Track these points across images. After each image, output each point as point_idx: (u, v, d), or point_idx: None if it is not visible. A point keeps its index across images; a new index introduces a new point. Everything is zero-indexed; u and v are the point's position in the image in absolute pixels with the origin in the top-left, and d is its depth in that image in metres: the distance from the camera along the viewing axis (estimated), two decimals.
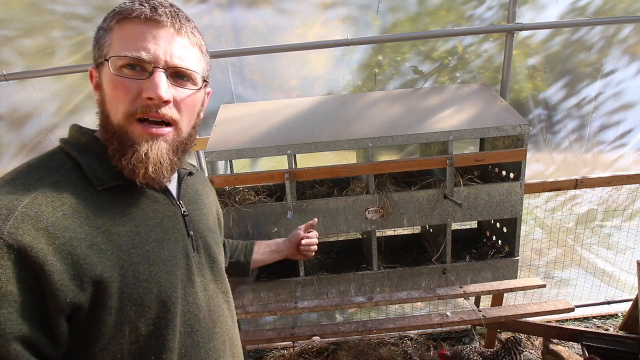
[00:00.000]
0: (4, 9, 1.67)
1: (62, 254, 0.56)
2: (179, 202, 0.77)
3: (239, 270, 1.19)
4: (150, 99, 0.64)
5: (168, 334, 0.67)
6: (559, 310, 1.63)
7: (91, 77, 0.71)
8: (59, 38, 1.73)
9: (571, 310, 1.64)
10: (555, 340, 2.43)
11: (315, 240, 1.28)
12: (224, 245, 1.15)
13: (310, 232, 1.29)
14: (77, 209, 0.60)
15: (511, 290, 1.67)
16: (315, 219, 1.32)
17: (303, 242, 1.25)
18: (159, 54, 0.65)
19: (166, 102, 0.66)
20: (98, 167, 0.66)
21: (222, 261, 0.86)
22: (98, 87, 0.69)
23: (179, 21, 0.67)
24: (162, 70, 0.65)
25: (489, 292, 1.63)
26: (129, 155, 0.65)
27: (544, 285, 1.66)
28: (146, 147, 0.66)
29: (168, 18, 0.66)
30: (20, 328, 0.53)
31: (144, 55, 0.64)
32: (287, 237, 1.29)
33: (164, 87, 0.65)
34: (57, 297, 0.55)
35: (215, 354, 0.76)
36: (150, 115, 0.66)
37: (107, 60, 0.65)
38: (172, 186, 0.78)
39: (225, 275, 0.87)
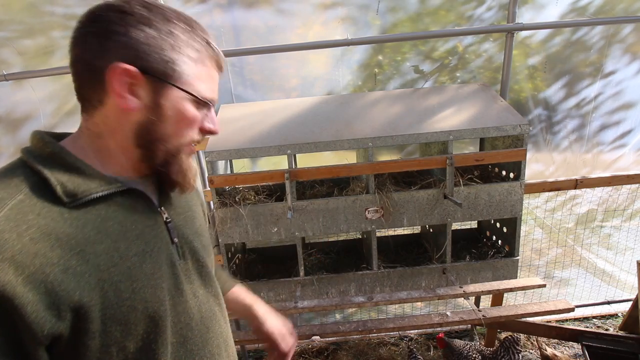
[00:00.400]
0: (4, 11, 1.67)
1: (34, 283, 0.52)
2: (160, 209, 0.73)
3: None
4: (212, 132, 0.72)
5: (158, 347, 0.65)
6: (559, 310, 1.63)
7: (122, 75, 0.61)
8: (58, 38, 1.73)
9: (571, 310, 1.64)
10: (551, 345, 2.43)
11: None
12: None
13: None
14: (45, 231, 0.55)
15: (511, 290, 1.66)
16: None
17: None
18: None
19: None
20: (66, 181, 0.59)
21: (211, 264, 0.83)
22: (136, 94, 0.63)
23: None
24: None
25: (488, 292, 1.63)
26: (175, 170, 0.70)
27: (544, 285, 1.66)
28: (188, 162, 0.72)
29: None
30: None
31: (215, 98, 0.71)
32: (266, 326, 0.98)
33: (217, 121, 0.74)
34: (32, 330, 0.51)
35: (210, 359, 0.75)
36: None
37: (198, 97, 0.67)
38: (151, 191, 0.73)
39: (215, 279, 0.84)
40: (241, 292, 1.03)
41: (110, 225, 0.62)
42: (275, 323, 0.98)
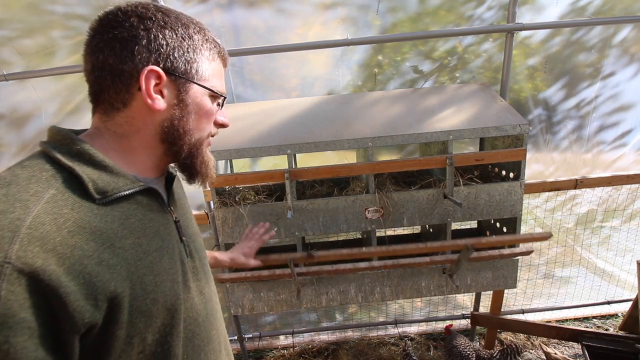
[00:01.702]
0: (4, 10, 1.67)
1: (74, 274, 0.54)
2: (170, 208, 0.76)
3: None
4: (224, 126, 0.79)
5: (173, 340, 0.67)
6: (535, 238, 1.51)
7: (149, 76, 0.65)
8: (59, 38, 1.73)
9: (549, 236, 1.46)
10: (551, 346, 2.43)
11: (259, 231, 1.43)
12: None
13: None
14: (80, 225, 0.57)
15: (512, 242, 1.56)
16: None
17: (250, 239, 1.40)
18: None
19: None
20: (97, 178, 0.62)
21: (207, 264, 0.88)
22: (162, 94, 0.67)
23: None
24: None
25: (479, 244, 1.48)
26: (199, 161, 0.76)
27: (550, 235, 1.47)
28: (209, 154, 0.79)
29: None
30: (36, 354, 0.51)
31: (226, 94, 0.78)
32: (235, 247, 1.40)
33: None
34: (73, 319, 0.53)
35: (213, 356, 0.78)
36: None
37: (214, 93, 0.74)
38: (163, 193, 0.77)
39: (212, 277, 0.89)
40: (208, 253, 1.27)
41: (132, 222, 0.65)
42: (232, 255, 1.35)
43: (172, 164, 0.84)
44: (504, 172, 1.72)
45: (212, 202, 1.56)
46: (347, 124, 1.57)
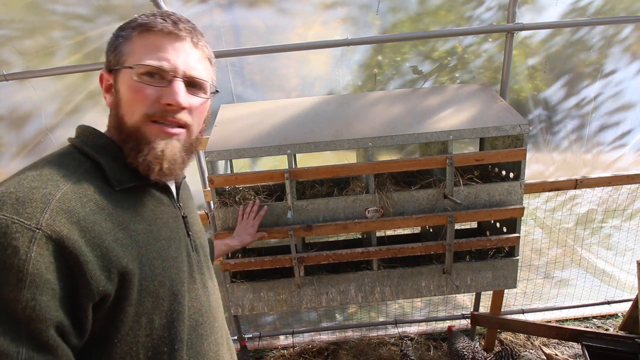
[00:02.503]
0: (4, 9, 1.67)
1: (93, 246, 0.60)
2: (179, 205, 0.82)
3: None
4: (169, 105, 0.70)
5: (179, 325, 0.71)
6: (511, 210, 1.55)
7: (101, 80, 0.75)
8: (59, 38, 1.73)
9: (521, 211, 1.54)
10: (551, 346, 2.43)
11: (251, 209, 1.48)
12: None
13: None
14: (101, 206, 0.64)
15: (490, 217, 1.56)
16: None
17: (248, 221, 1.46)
18: (178, 65, 0.71)
19: (184, 108, 0.72)
20: (116, 168, 0.70)
21: (210, 261, 0.93)
22: (109, 90, 0.74)
23: (196, 36, 0.74)
24: (180, 79, 0.71)
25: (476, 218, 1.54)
26: (145, 152, 0.70)
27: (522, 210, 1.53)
28: (162, 145, 0.71)
29: (187, 33, 0.72)
30: (57, 315, 0.56)
31: (165, 65, 0.69)
32: (240, 232, 1.47)
33: (183, 94, 0.71)
34: (90, 286, 0.59)
35: (215, 347, 0.82)
36: (166, 120, 0.72)
37: (131, 67, 0.69)
38: (173, 189, 0.83)
39: (214, 273, 0.94)
40: (218, 241, 1.38)
41: (145, 211, 0.72)
42: (241, 238, 1.42)
43: None
44: (504, 172, 1.72)
45: (212, 202, 1.56)
46: (347, 124, 1.57)
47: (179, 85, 0.71)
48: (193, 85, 0.75)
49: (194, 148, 0.80)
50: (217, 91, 0.82)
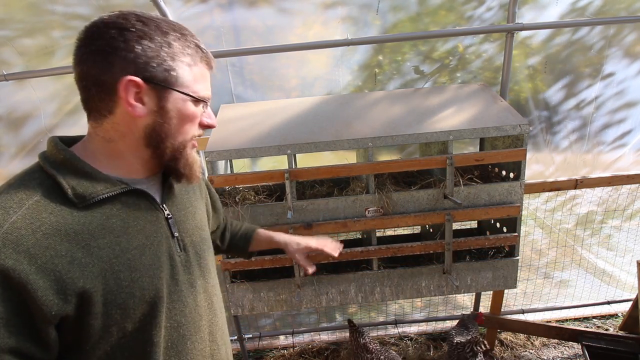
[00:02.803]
0: (4, 10, 1.67)
1: (45, 272, 0.61)
2: (162, 206, 0.81)
3: (239, 254, 1.31)
4: (211, 127, 0.82)
5: (152, 329, 0.73)
6: (508, 208, 1.51)
7: (125, 84, 0.68)
8: (59, 38, 1.73)
9: (518, 209, 1.49)
10: (551, 346, 2.43)
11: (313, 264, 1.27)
12: (225, 228, 1.23)
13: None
14: (56, 227, 0.64)
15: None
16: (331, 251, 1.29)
17: (301, 260, 1.24)
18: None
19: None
20: (76, 185, 0.68)
21: (209, 257, 0.92)
22: (142, 101, 0.70)
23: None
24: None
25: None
26: (182, 163, 0.79)
27: None
28: (193, 155, 0.81)
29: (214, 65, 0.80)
30: (7, 342, 0.59)
31: (209, 97, 0.79)
32: (295, 241, 1.25)
33: (214, 117, 0.82)
34: (42, 311, 0.61)
35: (201, 344, 0.84)
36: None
37: (192, 96, 0.74)
38: (155, 190, 0.81)
39: (213, 270, 0.93)
40: (263, 231, 1.27)
41: (113, 222, 0.71)
42: (291, 239, 1.25)
43: None
44: (504, 172, 1.72)
45: None
46: (347, 124, 1.57)
47: (211, 110, 0.82)
48: None
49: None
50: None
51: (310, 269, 1.23)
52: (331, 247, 1.28)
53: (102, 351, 0.69)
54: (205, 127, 0.81)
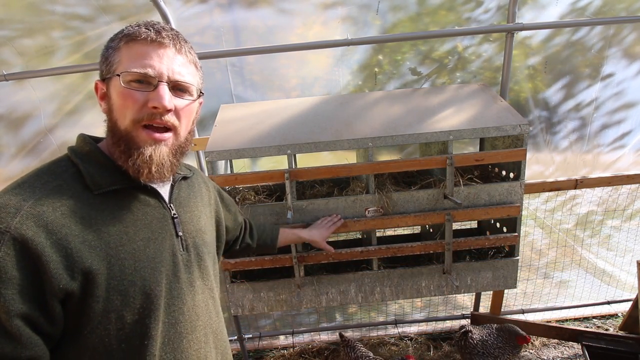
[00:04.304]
0: (4, 10, 1.67)
1: (58, 247, 0.66)
2: (170, 206, 0.85)
3: (266, 250, 1.43)
4: (156, 107, 0.76)
5: (151, 322, 0.75)
6: (508, 208, 1.55)
7: (96, 89, 0.81)
8: (58, 38, 1.73)
9: (518, 209, 1.43)
10: (551, 346, 2.43)
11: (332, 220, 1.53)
12: (251, 227, 1.33)
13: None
14: (74, 210, 0.71)
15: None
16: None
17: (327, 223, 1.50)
18: (162, 70, 0.76)
19: (169, 111, 0.78)
20: (96, 173, 0.76)
21: (209, 261, 0.94)
22: (104, 97, 0.79)
23: (179, 42, 0.80)
24: (165, 83, 0.76)
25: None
26: (135, 157, 0.75)
27: None
28: (150, 150, 0.77)
29: (170, 40, 0.78)
30: (21, 307, 0.63)
31: (150, 71, 0.75)
32: (313, 229, 1.48)
33: (168, 98, 0.77)
34: (52, 283, 0.65)
35: (196, 345, 0.84)
36: (154, 122, 0.77)
37: (118, 75, 0.74)
38: (165, 190, 0.86)
39: (212, 273, 0.95)
40: (286, 229, 1.44)
41: (123, 213, 0.76)
42: (312, 233, 1.46)
43: (185, 165, 0.96)
44: (504, 172, 1.72)
45: None
46: (347, 124, 1.57)
47: (164, 89, 0.76)
48: (178, 88, 0.80)
49: (184, 150, 0.85)
50: (202, 93, 0.87)
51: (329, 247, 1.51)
52: (331, 222, 1.52)
53: (100, 341, 0.71)
54: (153, 109, 0.75)
